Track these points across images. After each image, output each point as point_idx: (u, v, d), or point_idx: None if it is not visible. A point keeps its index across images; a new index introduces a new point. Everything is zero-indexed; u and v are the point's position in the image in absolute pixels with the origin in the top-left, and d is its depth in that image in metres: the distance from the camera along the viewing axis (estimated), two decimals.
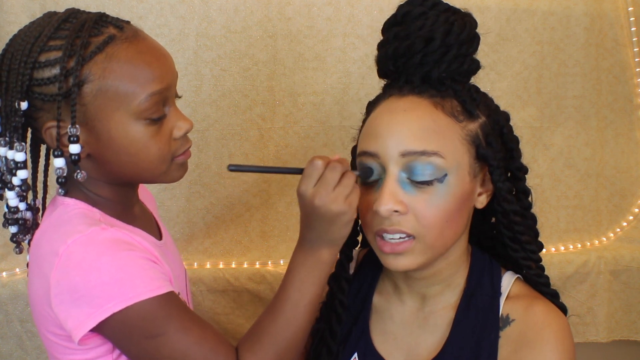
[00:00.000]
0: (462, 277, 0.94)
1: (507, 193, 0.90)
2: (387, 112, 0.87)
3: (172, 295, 0.84)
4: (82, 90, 0.82)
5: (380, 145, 0.85)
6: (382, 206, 0.83)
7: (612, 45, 1.65)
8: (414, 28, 0.87)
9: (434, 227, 0.84)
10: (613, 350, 1.73)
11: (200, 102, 1.45)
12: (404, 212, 0.83)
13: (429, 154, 0.83)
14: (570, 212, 1.68)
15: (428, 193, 0.83)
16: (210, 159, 1.48)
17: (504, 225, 0.92)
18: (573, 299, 1.65)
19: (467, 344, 0.89)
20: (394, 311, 0.96)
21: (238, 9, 1.44)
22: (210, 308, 1.49)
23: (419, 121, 0.84)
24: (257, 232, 1.54)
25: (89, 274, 0.79)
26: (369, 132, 0.88)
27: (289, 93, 1.49)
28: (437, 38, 0.86)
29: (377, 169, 0.86)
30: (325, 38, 1.49)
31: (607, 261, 1.66)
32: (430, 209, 0.83)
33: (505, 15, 1.57)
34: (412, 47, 0.86)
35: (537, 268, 0.94)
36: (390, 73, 0.92)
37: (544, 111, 1.63)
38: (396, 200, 0.83)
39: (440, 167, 0.83)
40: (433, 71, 0.87)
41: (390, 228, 0.84)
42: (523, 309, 0.89)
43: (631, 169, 1.71)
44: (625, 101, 1.68)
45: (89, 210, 0.87)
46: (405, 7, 0.90)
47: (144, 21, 1.40)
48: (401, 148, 0.83)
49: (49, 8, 1.36)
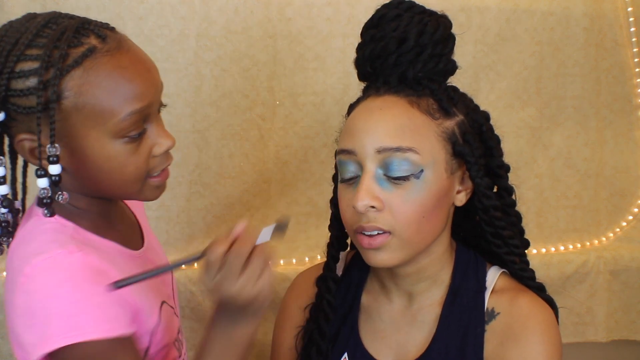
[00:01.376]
0: (447, 274, 0.95)
1: (485, 189, 0.91)
2: (364, 111, 0.89)
3: (122, 340, 0.78)
4: (58, 105, 0.77)
5: (357, 143, 0.86)
6: (359, 202, 0.84)
7: (611, 46, 1.65)
8: (389, 30, 0.89)
9: (411, 223, 0.85)
10: (612, 350, 1.73)
11: (201, 103, 1.45)
12: (380, 209, 0.85)
13: (404, 150, 0.84)
14: (570, 212, 1.69)
15: (404, 189, 0.85)
16: (210, 159, 1.48)
17: (485, 222, 0.94)
18: (572, 299, 1.65)
19: (454, 339, 0.91)
20: (383, 310, 0.97)
21: (238, 9, 1.44)
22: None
23: (394, 119, 0.86)
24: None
25: (47, 301, 0.76)
26: (346, 131, 0.90)
27: (289, 93, 1.50)
28: (410, 38, 0.88)
29: (355, 167, 0.87)
30: (326, 38, 1.49)
31: (607, 261, 1.66)
32: (406, 205, 0.85)
33: (505, 15, 1.57)
34: (386, 47, 0.89)
35: (522, 262, 0.96)
36: (368, 75, 0.94)
37: (543, 111, 1.64)
38: (372, 196, 0.84)
39: (416, 162, 0.85)
40: (408, 71, 0.89)
41: (367, 225, 0.85)
42: (508, 302, 0.91)
43: (630, 169, 1.71)
44: (624, 101, 1.68)
45: (61, 225, 0.83)
46: (381, 10, 0.92)
47: (144, 22, 1.40)
48: (376, 145, 0.85)
49: (49, 8, 1.36)
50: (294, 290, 1.07)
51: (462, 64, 1.57)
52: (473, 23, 1.56)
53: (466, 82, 1.58)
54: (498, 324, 0.90)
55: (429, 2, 0.96)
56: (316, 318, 0.98)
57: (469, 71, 1.56)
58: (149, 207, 1.46)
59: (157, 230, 1.48)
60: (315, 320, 0.98)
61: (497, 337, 0.89)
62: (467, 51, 1.56)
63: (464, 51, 1.55)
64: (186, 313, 1.48)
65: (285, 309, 1.06)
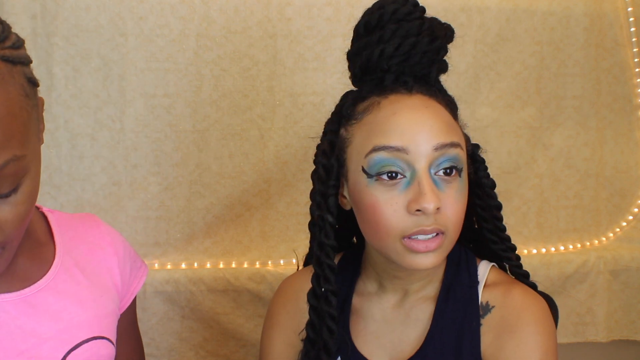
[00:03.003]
0: (440, 270, 0.95)
1: (490, 189, 0.92)
2: (409, 108, 0.85)
3: None
4: None
5: (410, 140, 0.83)
6: (431, 203, 0.81)
7: (611, 46, 1.65)
8: (414, 27, 0.87)
9: (458, 222, 0.85)
10: (612, 350, 1.73)
11: (201, 102, 1.45)
12: (441, 209, 0.83)
13: (456, 145, 0.84)
14: (570, 212, 1.69)
15: (453, 188, 0.84)
16: (210, 159, 1.48)
17: (484, 219, 0.94)
18: (572, 299, 1.65)
19: (449, 334, 0.90)
20: (375, 310, 0.96)
21: (238, 9, 1.44)
22: (211, 308, 1.49)
23: (442, 116, 0.86)
24: (257, 232, 1.54)
25: None
26: (388, 128, 0.84)
27: (289, 93, 1.50)
28: (439, 37, 0.87)
29: (402, 166, 0.83)
30: (326, 38, 1.49)
31: (607, 261, 1.66)
32: (456, 204, 0.84)
33: (505, 15, 1.57)
34: (417, 45, 0.86)
35: (517, 259, 0.97)
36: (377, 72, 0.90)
37: (543, 111, 1.64)
38: (438, 197, 0.82)
39: (461, 160, 0.85)
40: (432, 70, 0.88)
41: (429, 228, 0.82)
42: (502, 295, 0.90)
43: (631, 169, 1.71)
44: (624, 101, 1.68)
45: None
46: (390, 5, 0.89)
47: (144, 21, 1.40)
48: (434, 142, 0.83)
49: (49, 8, 1.37)
50: (281, 297, 1.04)
51: (462, 64, 1.59)
52: (473, 23, 1.56)
53: (466, 82, 1.59)
54: (493, 317, 0.90)
55: (429, 2, 0.96)
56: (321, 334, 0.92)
57: (469, 71, 1.56)
58: (149, 207, 1.47)
59: (157, 230, 1.48)
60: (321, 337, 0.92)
61: (493, 330, 0.89)
62: (467, 51, 1.56)
63: (464, 51, 1.55)
64: (186, 313, 1.49)
65: (273, 315, 1.03)
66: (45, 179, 1.40)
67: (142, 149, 1.44)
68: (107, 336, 0.89)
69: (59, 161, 1.41)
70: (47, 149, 1.40)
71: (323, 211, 0.91)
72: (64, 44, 1.38)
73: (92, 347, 0.86)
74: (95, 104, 1.41)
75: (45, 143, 1.40)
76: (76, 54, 1.38)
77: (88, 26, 1.37)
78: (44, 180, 1.40)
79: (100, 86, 1.41)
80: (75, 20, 1.37)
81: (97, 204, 1.44)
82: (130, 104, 1.42)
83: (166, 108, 1.43)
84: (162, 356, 1.49)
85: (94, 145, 1.42)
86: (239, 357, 1.53)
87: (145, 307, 1.45)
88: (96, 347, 0.86)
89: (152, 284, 1.45)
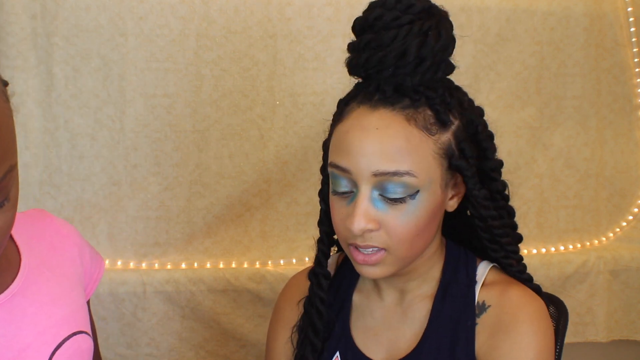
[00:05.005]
0: (438, 269, 0.95)
1: (483, 200, 0.90)
2: (359, 129, 0.85)
3: None
4: None
5: (353, 163, 0.84)
6: (355, 226, 0.83)
7: (611, 46, 1.65)
8: (387, 39, 0.84)
9: (405, 241, 0.85)
10: (612, 350, 1.73)
11: (201, 102, 1.45)
12: (376, 229, 0.84)
13: (401, 174, 0.82)
14: (570, 212, 1.69)
15: (399, 210, 0.84)
16: (210, 159, 1.48)
17: (481, 229, 0.93)
18: (572, 299, 1.65)
19: (445, 333, 0.91)
20: (374, 307, 0.97)
21: (238, 9, 1.44)
22: (211, 308, 1.49)
23: (391, 140, 0.83)
24: (257, 232, 1.54)
25: None
26: (340, 145, 0.86)
27: (289, 93, 1.50)
28: (410, 53, 0.83)
29: (349, 184, 0.85)
30: (326, 38, 1.49)
31: (607, 261, 1.66)
32: (402, 225, 0.84)
33: (505, 15, 1.57)
34: (384, 60, 0.85)
35: (519, 264, 0.95)
36: (361, 77, 0.91)
37: (543, 111, 1.64)
38: (368, 219, 0.83)
39: (412, 185, 0.83)
40: (406, 82, 0.85)
41: (362, 244, 0.85)
42: (498, 295, 0.90)
43: (631, 169, 1.71)
44: (624, 101, 1.69)
45: None
46: (376, 10, 0.87)
47: (144, 21, 1.40)
48: (373, 168, 0.82)
49: (49, 8, 1.37)
50: (287, 292, 1.06)
51: (462, 64, 1.58)
52: (473, 23, 1.56)
53: (466, 82, 1.58)
54: (489, 316, 0.90)
55: None
56: (309, 315, 0.97)
57: (469, 71, 1.56)
58: (149, 207, 1.47)
59: (157, 230, 1.48)
60: (309, 317, 0.97)
61: (488, 329, 0.89)
62: (467, 51, 1.56)
63: (464, 51, 1.55)
64: (186, 313, 1.49)
65: (279, 310, 1.06)
66: (45, 179, 1.40)
67: (142, 149, 1.44)
68: (84, 330, 0.89)
69: (59, 161, 1.41)
70: (47, 149, 1.40)
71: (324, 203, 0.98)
72: (64, 44, 1.38)
73: (73, 343, 0.86)
74: (95, 104, 1.41)
75: (45, 143, 1.42)
76: (76, 54, 1.38)
77: (88, 26, 1.37)
78: (44, 180, 1.40)
79: (100, 86, 1.41)
80: (75, 20, 1.37)
81: (97, 204, 1.44)
82: (130, 104, 1.42)
83: (166, 108, 1.43)
84: (162, 356, 1.49)
85: (94, 145, 1.42)
86: (239, 357, 1.53)
87: (145, 307, 1.45)
88: (77, 343, 0.87)
89: (152, 284, 1.45)
